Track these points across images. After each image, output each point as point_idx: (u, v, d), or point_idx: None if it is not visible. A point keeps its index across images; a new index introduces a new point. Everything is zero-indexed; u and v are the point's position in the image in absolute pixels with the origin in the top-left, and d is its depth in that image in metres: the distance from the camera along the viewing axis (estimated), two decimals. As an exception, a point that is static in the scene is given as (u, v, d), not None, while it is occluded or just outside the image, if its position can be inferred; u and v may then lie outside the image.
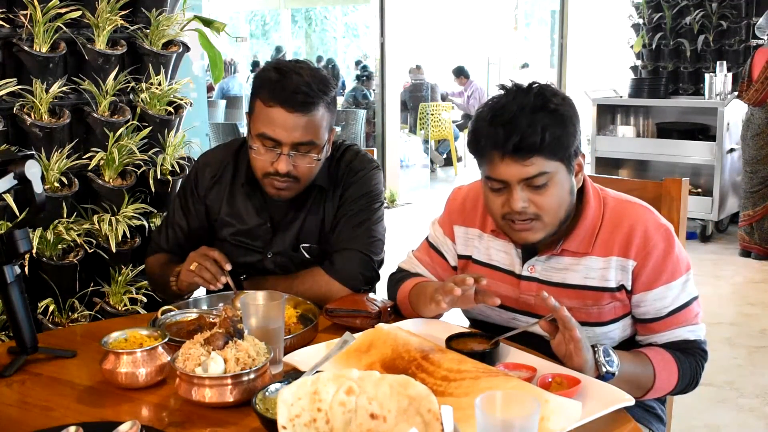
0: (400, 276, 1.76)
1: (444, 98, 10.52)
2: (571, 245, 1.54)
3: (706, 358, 1.55)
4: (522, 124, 1.40)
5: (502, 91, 1.49)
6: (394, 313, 1.70)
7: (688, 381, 1.52)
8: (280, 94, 1.66)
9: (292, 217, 1.84)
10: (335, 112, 1.78)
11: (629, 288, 1.52)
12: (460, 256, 1.71)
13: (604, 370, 1.36)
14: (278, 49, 13.87)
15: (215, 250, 1.68)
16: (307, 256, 1.84)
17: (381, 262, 1.87)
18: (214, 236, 1.90)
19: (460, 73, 10.68)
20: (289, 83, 1.66)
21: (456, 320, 1.66)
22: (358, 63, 12.15)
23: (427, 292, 1.56)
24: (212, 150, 1.98)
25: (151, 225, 2.27)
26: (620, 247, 1.51)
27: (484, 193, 1.54)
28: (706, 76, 5.82)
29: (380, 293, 1.84)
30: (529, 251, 1.59)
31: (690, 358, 1.52)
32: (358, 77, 10.51)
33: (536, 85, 1.47)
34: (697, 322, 1.53)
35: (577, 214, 1.54)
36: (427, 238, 1.79)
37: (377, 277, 1.86)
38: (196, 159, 2.02)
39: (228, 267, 1.65)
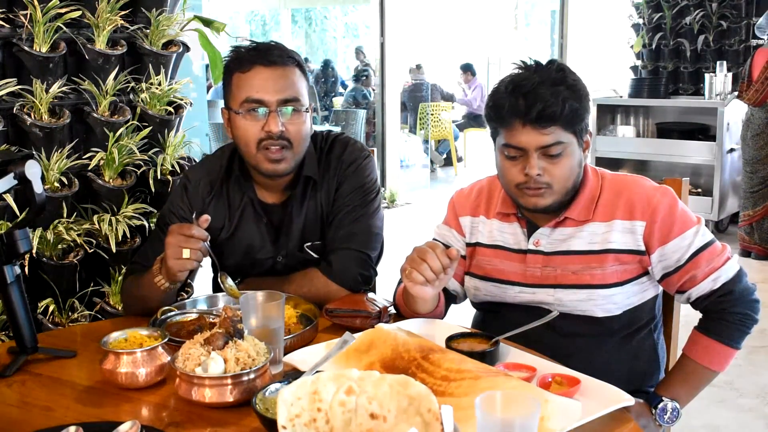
0: (400, 280, 1.76)
1: (450, 99, 10.53)
2: (573, 213, 1.61)
3: (737, 298, 1.57)
4: (545, 94, 1.50)
5: (519, 69, 1.59)
6: (396, 313, 1.70)
7: (740, 331, 1.57)
8: (256, 56, 1.70)
9: (291, 217, 1.81)
10: (309, 86, 1.81)
11: (643, 249, 1.58)
12: (468, 244, 1.74)
13: (662, 423, 1.57)
14: None
15: (191, 227, 1.58)
16: (314, 255, 1.82)
17: (379, 257, 1.86)
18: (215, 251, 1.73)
19: (467, 69, 10.71)
20: (262, 46, 1.73)
21: (456, 320, 1.66)
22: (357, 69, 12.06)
23: None
24: (203, 161, 1.92)
25: (151, 225, 2.27)
26: (623, 211, 1.59)
27: (499, 163, 1.61)
28: (706, 76, 5.82)
29: (379, 290, 1.84)
30: (532, 226, 1.65)
31: (725, 319, 1.56)
32: (356, 77, 10.49)
33: (555, 61, 1.59)
34: (719, 264, 1.57)
35: (577, 186, 1.63)
36: (433, 239, 1.80)
37: (375, 274, 1.86)
38: (184, 176, 1.89)
39: (208, 238, 1.59)
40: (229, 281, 1.63)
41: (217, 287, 1.90)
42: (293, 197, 1.81)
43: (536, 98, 1.50)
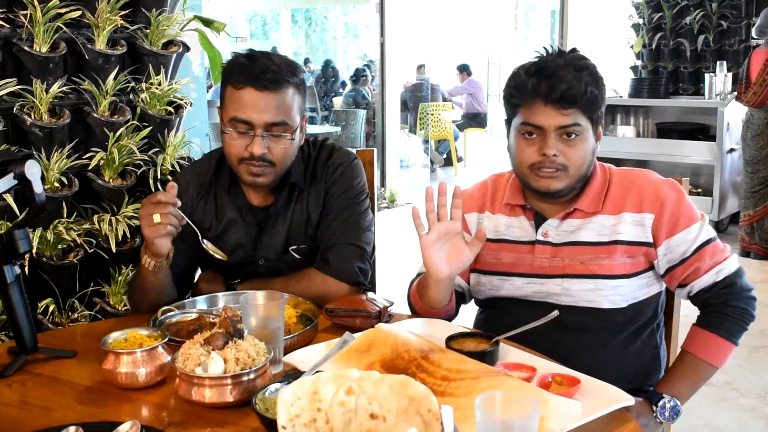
0: (414, 279, 1.76)
1: (445, 99, 10.56)
2: (582, 205, 1.63)
3: (737, 292, 1.60)
4: (568, 77, 1.54)
5: (541, 54, 1.62)
6: (411, 312, 1.70)
7: (739, 326, 1.61)
8: (249, 75, 1.67)
9: (275, 220, 1.82)
10: (305, 98, 1.79)
11: (651, 241, 1.60)
12: None
13: (662, 419, 1.57)
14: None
15: (158, 193, 1.58)
16: (297, 257, 1.83)
17: (372, 252, 1.87)
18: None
19: (464, 69, 10.79)
20: (258, 65, 1.69)
21: (457, 320, 1.66)
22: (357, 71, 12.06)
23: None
24: (192, 165, 1.96)
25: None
26: (632, 204, 1.61)
27: (514, 143, 1.63)
28: (706, 76, 5.82)
29: (379, 290, 1.84)
30: (540, 218, 1.67)
31: (724, 312, 1.60)
32: (355, 78, 10.50)
33: (577, 49, 1.64)
34: (722, 258, 1.60)
35: (588, 176, 1.65)
36: None
37: (371, 267, 1.86)
38: (174, 179, 1.88)
39: (179, 203, 1.59)
40: (211, 245, 1.68)
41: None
42: (278, 201, 1.82)
43: (560, 80, 1.53)
